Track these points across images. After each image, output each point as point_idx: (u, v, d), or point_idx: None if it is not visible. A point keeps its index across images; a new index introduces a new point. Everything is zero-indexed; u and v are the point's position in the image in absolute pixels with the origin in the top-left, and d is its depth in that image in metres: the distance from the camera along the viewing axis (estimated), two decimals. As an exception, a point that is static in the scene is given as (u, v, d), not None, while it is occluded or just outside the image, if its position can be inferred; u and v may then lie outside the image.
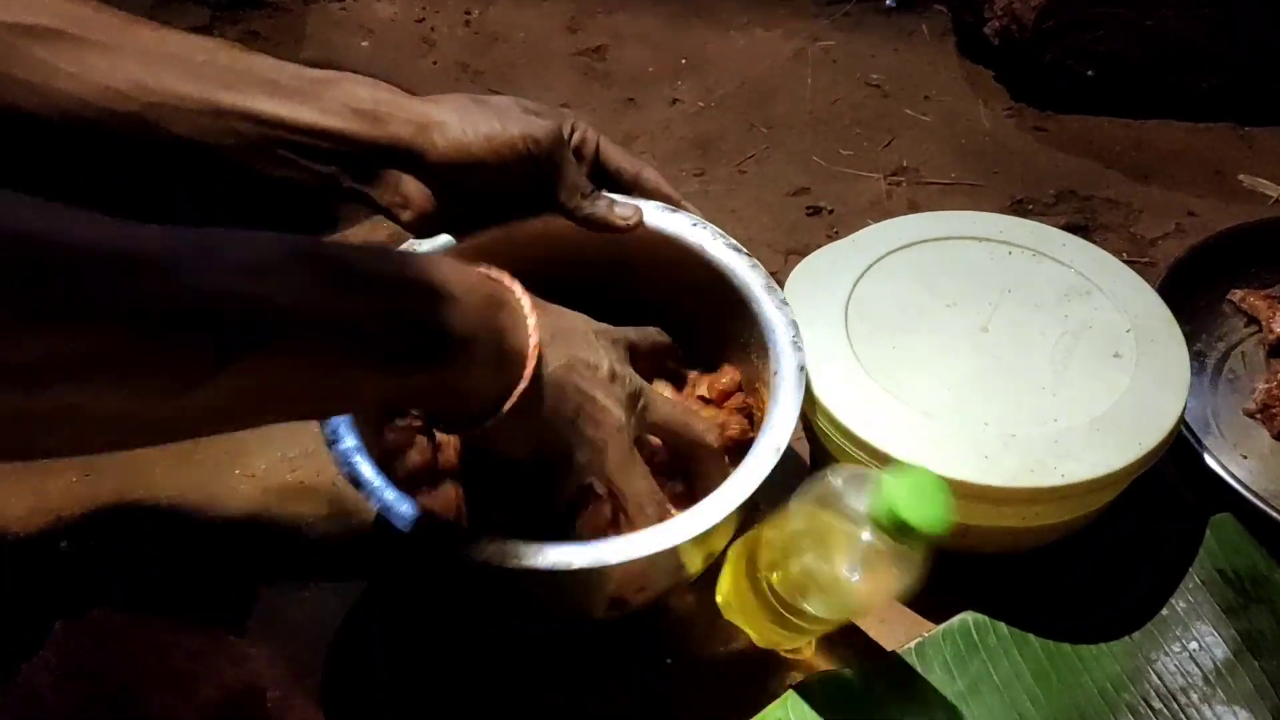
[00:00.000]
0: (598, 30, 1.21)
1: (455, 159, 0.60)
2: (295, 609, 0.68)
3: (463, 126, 0.60)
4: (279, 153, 0.59)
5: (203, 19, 1.19)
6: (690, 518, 0.56)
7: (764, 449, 0.59)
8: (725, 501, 0.56)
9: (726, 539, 0.64)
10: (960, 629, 0.66)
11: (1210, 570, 0.69)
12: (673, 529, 0.55)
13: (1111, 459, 0.62)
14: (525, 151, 0.61)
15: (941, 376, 0.67)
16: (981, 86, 1.14)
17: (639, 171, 0.69)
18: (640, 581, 0.60)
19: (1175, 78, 1.08)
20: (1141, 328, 0.69)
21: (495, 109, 0.62)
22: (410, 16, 1.22)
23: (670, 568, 0.61)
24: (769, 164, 1.04)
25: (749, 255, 0.68)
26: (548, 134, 0.62)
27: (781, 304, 0.66)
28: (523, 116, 0.62)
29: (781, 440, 0.59)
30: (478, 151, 0.61)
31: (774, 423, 0.60)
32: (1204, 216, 0.99)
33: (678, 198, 0.70)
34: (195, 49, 0.58)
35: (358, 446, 0.58)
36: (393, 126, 0.60)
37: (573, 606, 0.63)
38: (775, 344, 0.64)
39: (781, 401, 0.61)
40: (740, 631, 0.65)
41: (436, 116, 0.61)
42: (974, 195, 1.01)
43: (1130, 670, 0.65)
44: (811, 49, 1.19)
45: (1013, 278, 0.73)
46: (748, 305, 0.67)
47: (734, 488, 0.57)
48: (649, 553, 0.54)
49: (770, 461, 0.58)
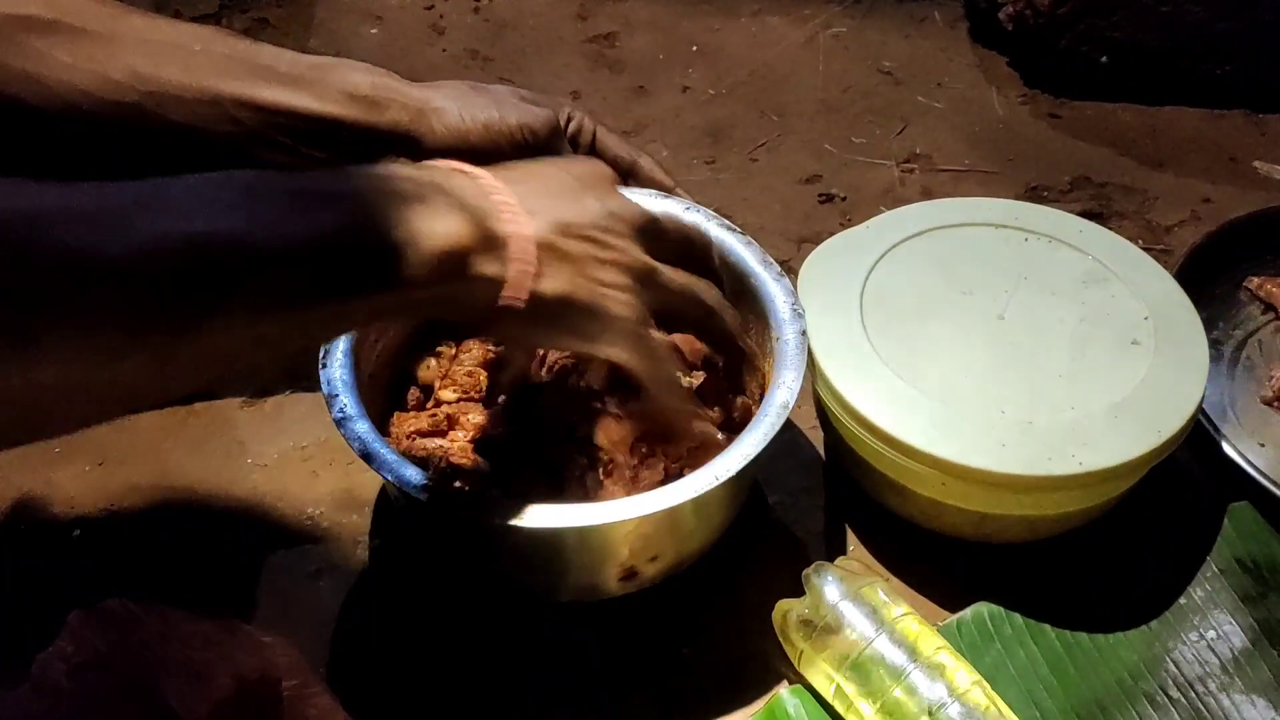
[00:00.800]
0: (607, 17, 1.20)
1: (453, 145, 0.60)
2: (308, 597, 0.68)
3: (461, 114, 0.61)
4: (277, 139, 0.59)
5: (212, 6, 1.19)
6: (700, 476, 0.57)
7: (773, 407, 0.60)
8: (733, 460, 0.57)
9: (736, 504, 0.65)
10: (976, 619, 0.66)
11: (1228, 559, 0.69)
12: (682, 487, 0.56)
13: (1130, 447, 0.62)
14: (522, 140, 0.62)
15: (958, 364, 0.66)
16: (994, 73, 1.13)
17: (635, 159, 0.70)
18: (653, 548, 0.61)
19: (1190, 64, 1.07)
20: (1159, 315, 0.69)
21: (493, 97, 0.62)
22: (419, 4, 1.22)
23: (682, 533, 0.62)
24: (781, 151, 1.03)
25: (744, 234, 0.69)
26: (544, 123, 0.63)
27: (779, 276, 0.67)
28: (520, 105, 0.62)
29: (789, 398, 0.60)
30: (475, 139, 0.61)
31: (781, 381, 0.61)
32: (1219, 203, 0.98)
33: (671, 184, 0.71)
34: (192, 38, 0.58)
35: (368, 426, 0.58)
36: (391, 112, 0.60)
37: (587, 578, 0.63)
38: (775, 313, 0.65)
39: (787, 365, 0.62)
40: (757, 619, 0.65)
41: (435, 103, 0.61)
42: (988, 182, 1.00)
43: (1148, 659, 0.65)
44: (823, 36, 1.18)
45: (1029, 265, 0.72)
46: (746, 280, 0.68)
47: (742, 446, 0.58)
48: (661, 508, 0.55)
49: (779, 419, 0.59)
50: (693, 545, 0.64)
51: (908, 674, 0.58)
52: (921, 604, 0.68)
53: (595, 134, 0.68)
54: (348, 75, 0.60)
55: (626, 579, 0.62)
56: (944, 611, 0.67)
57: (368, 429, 0.58)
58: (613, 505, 0.56)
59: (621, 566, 0.61)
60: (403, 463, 0.57)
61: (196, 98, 0.57)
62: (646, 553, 0.61)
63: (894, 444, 0.63)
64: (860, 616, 0.60)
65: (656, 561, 0.62)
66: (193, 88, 0.57)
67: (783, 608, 0.62)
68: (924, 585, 0.69)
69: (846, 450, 0.68)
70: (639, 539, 0.59)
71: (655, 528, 0.59)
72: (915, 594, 0.69)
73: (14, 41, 0.54)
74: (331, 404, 0.59)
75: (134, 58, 0.56)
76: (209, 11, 1.18)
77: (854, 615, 0.60)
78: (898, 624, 0.59)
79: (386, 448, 0.58)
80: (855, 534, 0.72)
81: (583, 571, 0.62)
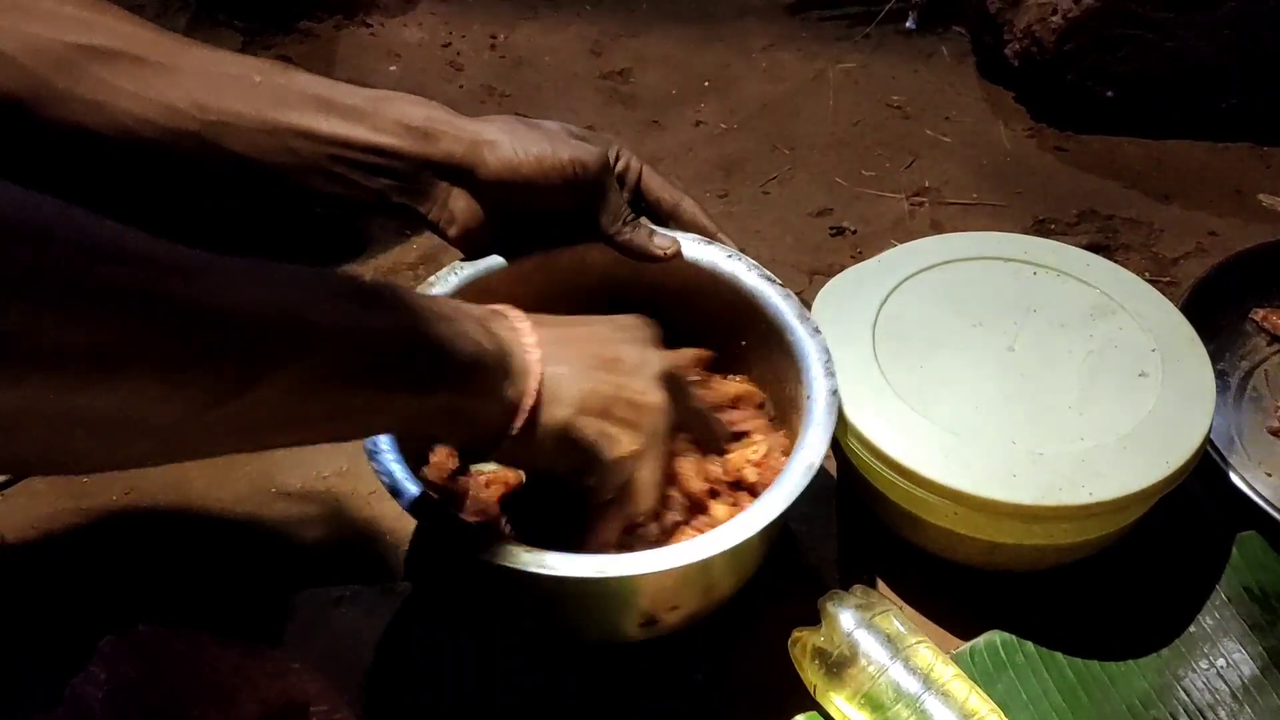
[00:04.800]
0: (621, 53, 1.23)
1: (505, 178, 0.62)
2: (333, 623, 0.69)
3: (514, 146, 0.62)
4: (333, 170, 0.60)
5: (235, 44, 1.21)
6: (723, 532, 0.57)
7: (797, 467, 0.60)
8: (757, 517, 0.58)
9: (758, 560, 0.65)
10: (988, 647, 0.67)
11: (1237, 587, 0.70)
12: (705, 543, 0.56)
13: (1139, 477, 0.63)
14: (573, 175, 0.63)
15: (969, 395, 0.67)
16: (1002, 107, 1.15)
17: (678, 202, 0.71)
18: (673, 599, 0.61)
19: (1195, 98, 1.09)
20: (1167, 347, 0.70)
21: (545, 132, 0.64)
22: (437, 40, 1.24)
23: (702, 585, 0.63)
24: (792, 185, 1.05)
25: (782, 285, 0.69)
26: (596, 159, 0.64)
27: (814, 332, 0.67)
28: (572, 141, 0.64)
29: (814, 459, 0.60)
30: (527, 172, 0.62)
31: (807, 442, 0.61)
32: (1225, 236, 0.99)
33: (714, 229, 0.71)
34: (251, 69, 0.60)
35: (397, 458, 0.59)
36: (445, 143, 0.61)
37: (606, 622, 0.64)
38: (808, 369, 0.66)
39: (814, 423, 0.62)
40: (772, 646, 0.66)
41: (488, 135, 0.62)
42: (996, 215, 1.02)
43: (1158, 687, 0.66)
44: (832, 71, 1.20)
45: (1038, 297, 0.74)
46: (782, 334, 0.68)
47: (766, 504, 0.58)
48: (681, 564, 0.55)
49: (804, 480, 0.59)
50: (714, 596, 0.64)
51: (922, 702, 0.59)
52: (934, 632, 0.69)
53: (641, 173, 0.69)
54: (403, 107, 0.61)
55: (646, 626, 0.63)
56: (956, 639, 0.68)
57: (399, 466, 0.59)
58: (632, 558, 0.56)
59: (641, 614, 0.61)
60: (429, 501, 0.58)
61: (255, 128, 0.58)
62: (666, 602, 0.61)
63: (907, 474, 0.64)
64: (875, 644, 0.61)
65: (677, 610, 0.62)
66: (252, 118, 0.58)
67: (798, 637, 0.63)
68: (936, 613, 0.70)
69: (859, 479, 0.69)
70: (658, 590, 0.60)
71: (674, 580, 0.59)
72: (928, 622, 0.70)
73: (79, 70, 0.56)
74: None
75: (195, 88, 0.57)
76: (232, 48, 1.20)
77: (869, 643, 0.61)
78: (912, 652, 0.60)
79: (416, 485, 0.58)
80: (868, 562, 0.73)
81: (601, 619, 0.63)
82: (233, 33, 1.23)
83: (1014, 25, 1.11)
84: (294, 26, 1.25)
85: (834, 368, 0.65)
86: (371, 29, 1.26)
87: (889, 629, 0.61)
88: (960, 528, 0.65)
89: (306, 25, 1.25)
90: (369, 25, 1.27)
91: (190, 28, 1.22)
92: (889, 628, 0.61)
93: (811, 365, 0.66)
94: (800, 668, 0.63)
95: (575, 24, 1.27)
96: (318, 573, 0.71)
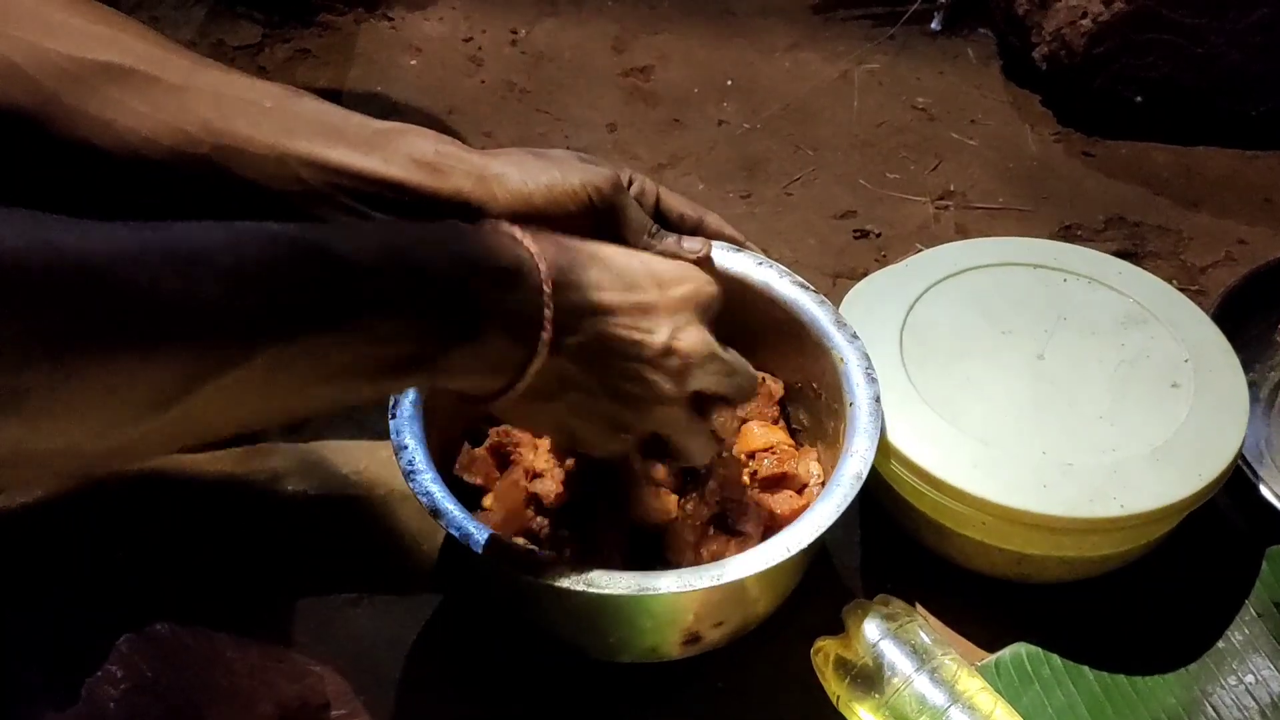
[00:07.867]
0: (643, 50, 1.22)
1: (517, 209, 0.61)
2: (352, 625, 0.68)
3: (523, 178, 0.61)
4: (341, 200, 0.59)
5: (254, 37, 1.21)
6: (770, 547, 0.56)
7: (845, 477, 0.59)
8: (808, 529, 0.57)
9: (800, 573, 0.64)
10: (1014, 660, 0.66)
11: (1267, 602, 0.69)
12: (755, 557, 0.56)
13: (1172, 490, 0.62)
14: (587, 199, 0.62)
15: (998, 403, 0.66)
16: (1028, 111, 1.14)
17: (701, 217, 0.69)
18: (718, 614, 0.60)
19: (1225, 105, 1.08)
20: (1199, 358, 0.69)
21: (554, 160, 0.63)
22: (458, 35, 1.23)
23: (748, 599, 0.62)
24: (815, 186, 1.04)
25: (816, 291, 0.68)
26: (608, 180, 0.62)
27: (852, 338, 0.66)
28: (582, 166, 0.63)
29: (862, 468, 0.59)
30: (539, 201, 0.61)
31: (854, 449, 0.61)
32: (1254, 244, 0.98)
33: (741, 239, 0.70)
34: (263, 94, 0.59)
35: (434, 477, 0.58)
36: (454, 179, 0.60)
37: (647, 640, 0.62)
38: (849, 375, 0.65)
39: (859, 430, 0.62)
40: (794, 654, 0.65)
41: (495, 169, 0.61)
42: (1022, 220, 1.00)
43: (1186, 703, 0.65)
44: (857, 71, 1.19)
45: (1068, 305, 0.73)
46: (819, 341, 0.67)
47: (815, 516, 0.58)
48: (733, 579, 0.55)
49: (853, 489, 0.58)
50: (758, 610, 0.63)
51: (947, 715, 0.58)
52: (960, 644, 0.68)
53: (659, 195, 0.68)
54: (413, 141, 0.60)
55: (689, 644, 0.61)
56: (982, 651, 0.67)
57: (438, 485, 0.58)
58: (673, 576, 0.55)
59: (685, 631, 0.60)
60: (469, 520, 0.57)
61: (264, 154, 0.57)
62: (711, 618, 0.60)
63: (935, 483, 0.63)
64: (900, 655, 0.60)
65: (721, 627, 0.61)
66: (261, 144, 0.57)
67: (821, 646, 0.63)
68: (962, 625, 0.69)
69: (885, 487, 0.68)
70: (704, 606, 0.59)
71: (721, 595, 0.58)
72: (953, 633, 0.69)
73: (90, 87, 0.55)
74: (400, 455, 0.59)
75: (206, 110, 0.57)
76: (251, 42, 1.20)
77: (894, 654, 0.60)
78: (938, 664, 0.60)
79: (456, 505, 0.57)
80: (892, 571, 0.72)
81: (645, 636, 0.62)
82: (252, 24, 1.22)
83: (1042, 28, 1.09)
84: (314, 19, 1.24)
85: (875, 373, 0.64)
86: (392, 22, 1.25)
87: (914, 640, 0.61)
88: (988, 538, 0.64)
89: (326, 18, 1.24)
90: (389, 19, 1.26)
91: (209, 19, 1.21)
92: (914, 639, 0.61)
93: (852, 371, 0.65)
94: (823, 677, 0.62)
95: (597, 20, 1.26)
96: (336, 574, 0.71)
